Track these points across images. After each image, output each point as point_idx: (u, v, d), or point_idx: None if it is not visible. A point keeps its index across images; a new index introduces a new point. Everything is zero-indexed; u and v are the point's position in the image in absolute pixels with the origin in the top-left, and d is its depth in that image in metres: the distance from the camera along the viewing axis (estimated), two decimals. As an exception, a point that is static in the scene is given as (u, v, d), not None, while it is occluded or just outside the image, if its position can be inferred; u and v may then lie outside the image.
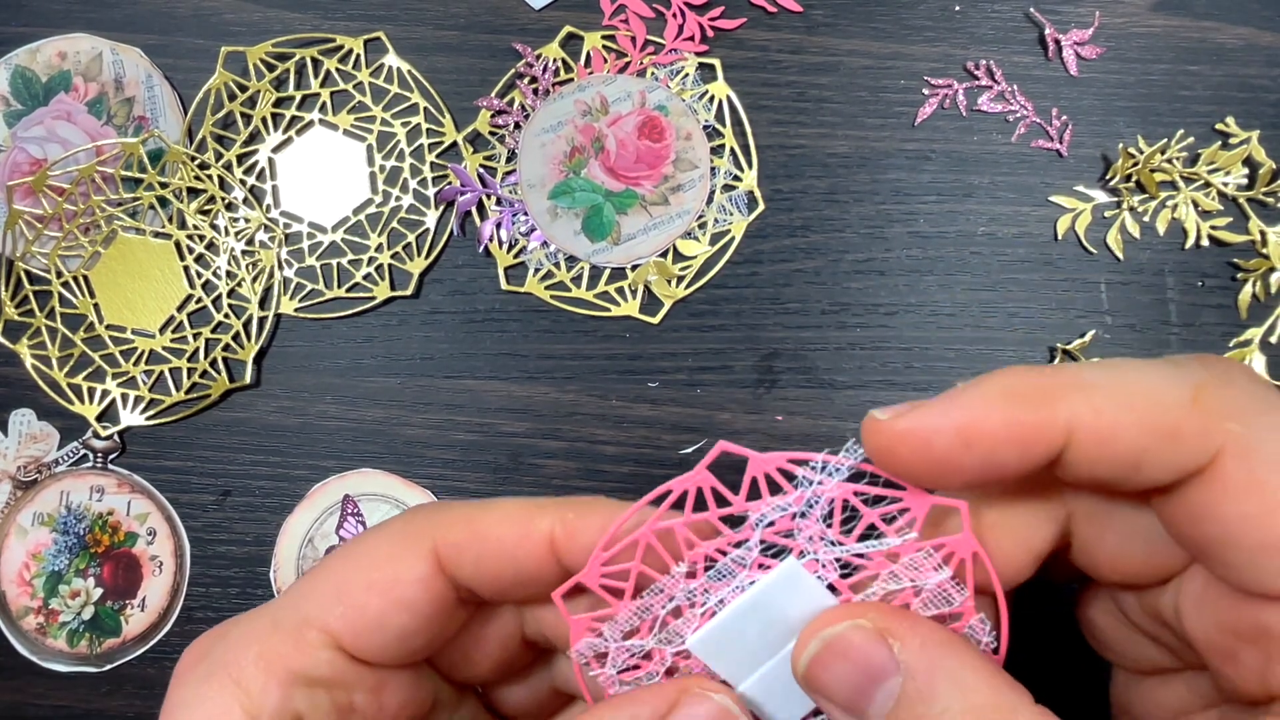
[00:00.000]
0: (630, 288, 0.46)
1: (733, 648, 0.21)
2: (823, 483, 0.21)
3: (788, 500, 0.21)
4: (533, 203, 0.46)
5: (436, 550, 0.23)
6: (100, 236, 0.46)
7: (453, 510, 0.24)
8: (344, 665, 0.23)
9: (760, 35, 0.46)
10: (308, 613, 0.23)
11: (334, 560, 0.24)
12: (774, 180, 0.46)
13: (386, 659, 0.23)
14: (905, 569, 0.21)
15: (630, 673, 0.23)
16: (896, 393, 0.45)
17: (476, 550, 0.23)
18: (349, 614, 0.23)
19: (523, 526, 0.23)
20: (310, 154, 0.46)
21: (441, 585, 0.23)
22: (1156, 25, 0.46)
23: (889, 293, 0.45)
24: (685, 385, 0.45)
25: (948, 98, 0.46)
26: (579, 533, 0.23)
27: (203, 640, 0.23)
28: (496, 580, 0.24)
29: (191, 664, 0.23)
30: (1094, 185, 0.46)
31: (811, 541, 0.21)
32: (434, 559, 0.23)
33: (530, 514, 0.23)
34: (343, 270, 0.46)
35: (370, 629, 0.23)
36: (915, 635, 0.20)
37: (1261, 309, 0.45)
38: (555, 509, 0.23)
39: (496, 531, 0.23)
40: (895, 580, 0.21)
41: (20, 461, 0.46)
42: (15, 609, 0.45)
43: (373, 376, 0.46)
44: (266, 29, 0.47)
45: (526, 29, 0.47)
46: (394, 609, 0.23)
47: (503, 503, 0.24)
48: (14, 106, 0.46)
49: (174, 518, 0.45)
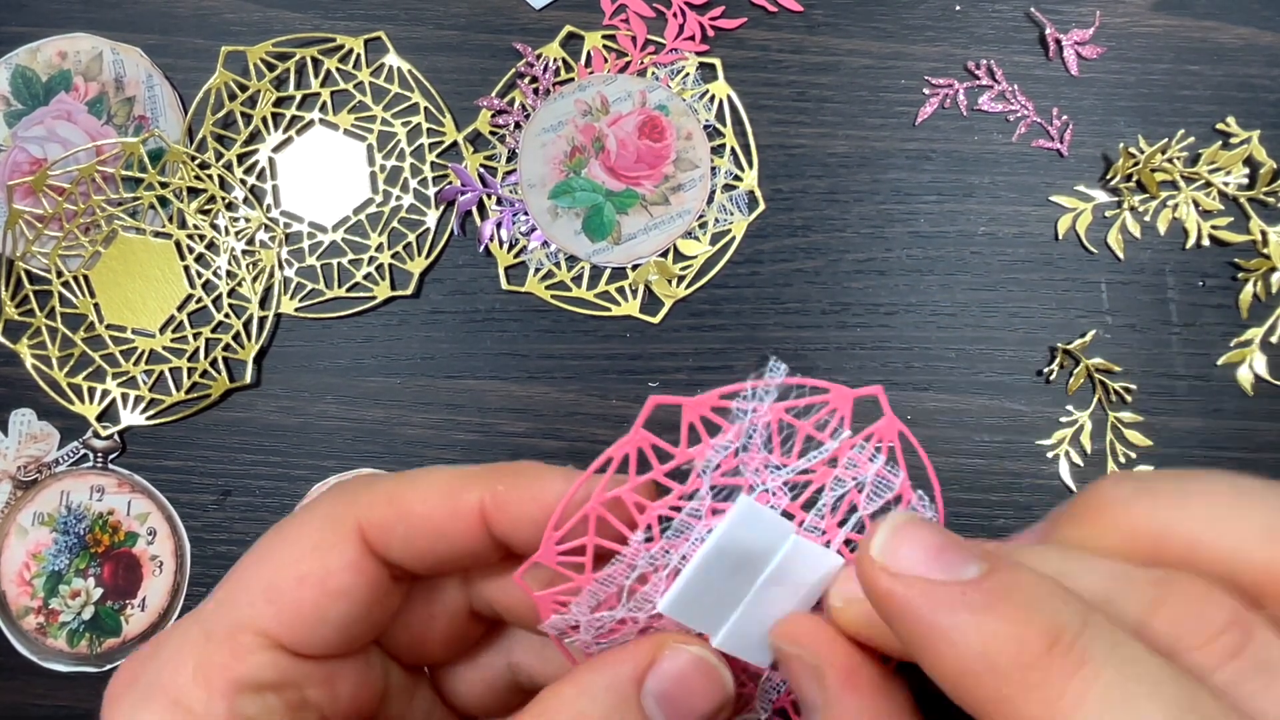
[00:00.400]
0: (631, 287, 0.46)
1: (704, 600, 0.21)
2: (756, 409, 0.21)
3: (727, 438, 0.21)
4: (533, 202, 0.46)
5: (362, 531, 0.22)
6: (100, 236, 0.46)
7: (375, 487, 0.23)
8: (288, 663, 0.22)
9: (761, 35, 0.46)
10: (240, 617, 0.22)
11: (257, 555, 0.23)
12: (774, 180, 0.46)
13: (330, 650, 0.22)
14: (845, 470, 0.21)
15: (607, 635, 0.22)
16: (896, 392, 0.45)
17: (404, 529, 0.22)
18: (283, 613, 0.22)
19: (450, 501, 0.22)
20: (311, 154, 0.46)
21: (373, 567, 0.22)
22: (1157, 25, 0.46)
23: (889, 292, 0.45)
24: (686, 385, 0.45)
25: (948, 97, 0.46)
26: (510, 504, 0.22)
27: (130, 663, 0.22)
28: (427, 556, 0.23)
29: (124, 689, 0.21)
30: (1095, 185, 0.46)
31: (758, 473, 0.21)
32: (361, 541, 0.22)
33: (457, 486, 0.22)
34: (343, 270, 0.46)
35: (308, 624, 0.22)
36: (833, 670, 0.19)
37: (1262, 309, 0.45)
38: (483, 479, 0.22)
39: (422, 508, 0.22)
40: (840, 484, 0.22)
41: (20, 461, 0.46)
42: (15, 609, 0.45)
43: (373, 376, 0.46)
44: (267, 29, 0.47)
45: (527, 29, 0.47)
46: (329, 600, 0.22)
47: (427, 475, 0.23)
48: (14, 106, 0.46)
49: (174, 518, 0.45)
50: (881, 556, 0.17)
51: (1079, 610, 0.16)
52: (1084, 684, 0.15)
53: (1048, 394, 0.45)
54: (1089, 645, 0.15)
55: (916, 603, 0.16)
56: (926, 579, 0.16)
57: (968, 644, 0.15)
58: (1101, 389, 0.45)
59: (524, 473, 0.22)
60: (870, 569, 0.17)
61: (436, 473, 0.23)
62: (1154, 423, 0.45)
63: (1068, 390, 0.45)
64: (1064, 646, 0.15)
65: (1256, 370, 0.45)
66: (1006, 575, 0.16)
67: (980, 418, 0.45)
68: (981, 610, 0.16)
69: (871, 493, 0.22)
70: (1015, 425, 0.45)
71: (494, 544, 0.22)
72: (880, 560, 0.17)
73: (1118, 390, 0.45)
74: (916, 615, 0.16)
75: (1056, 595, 0.16)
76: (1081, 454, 0.45)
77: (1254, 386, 0.45)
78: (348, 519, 0.22)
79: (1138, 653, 0.15)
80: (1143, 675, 0.15)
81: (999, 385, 0.45)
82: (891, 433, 0.22)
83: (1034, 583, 0.16)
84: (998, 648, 0.15)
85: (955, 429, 0.45)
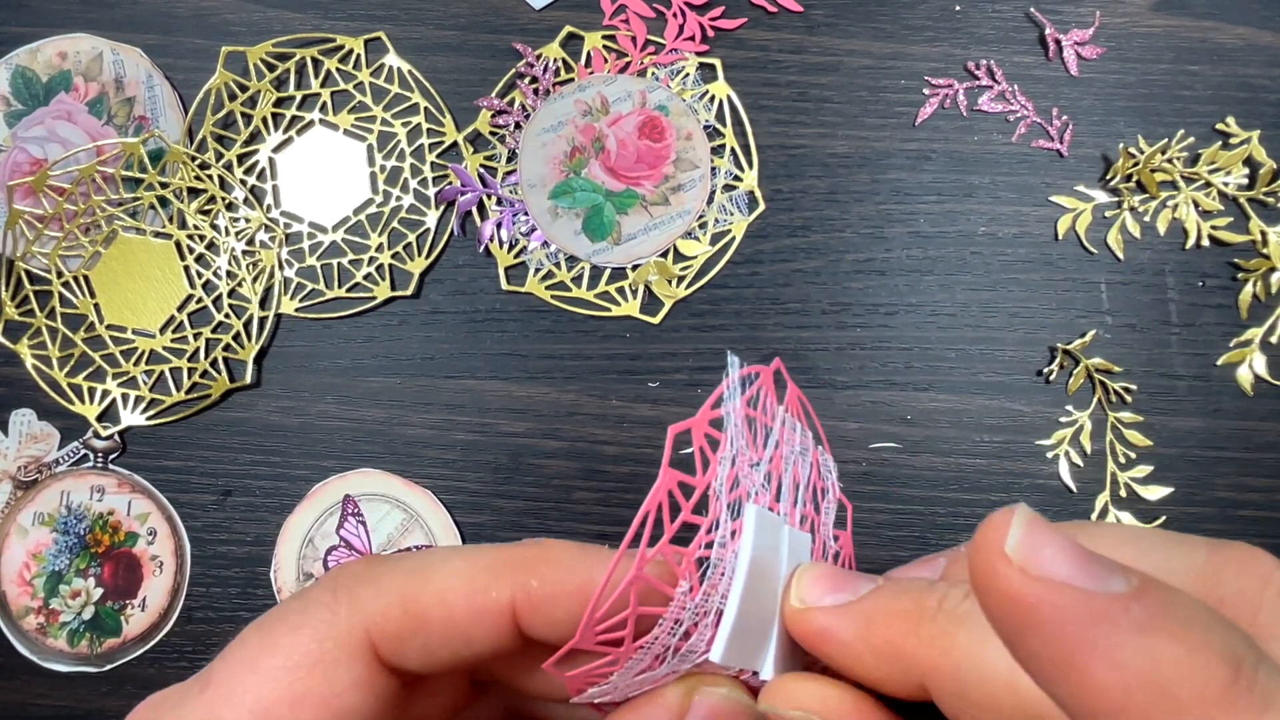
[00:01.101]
0: (631, 288, 0.46)
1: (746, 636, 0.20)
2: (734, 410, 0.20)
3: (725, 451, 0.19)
4: (533, 203, 0.46)
5: (372, 642, 0.19)
6: (101, 236, 0.46)
7: (384, 585, 0.19)
8: None
9: (761, 35, 0.46)
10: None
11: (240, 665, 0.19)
12: (774, 180, 0.46)
13: None
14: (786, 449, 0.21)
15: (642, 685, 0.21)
16: (897, 392, 0.45)
17: (422, 638, 0.19)
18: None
19: (474, 600, 0.19)
20: (311, 154, 0.46)
21: (383, 681, 0.19)
22: (1157, 25, 0.46)
23: (889, 293, 0.45)
24: (685, 385, 0.45)
25: (948, 98, 0.46)
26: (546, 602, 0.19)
27: None
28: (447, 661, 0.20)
29: None
30: (1094, 185, 0.46)
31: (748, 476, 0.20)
32: (371, 655, 0.19)
33: (481, 582, 0.19)
34: (343, 270, 0.46)
35: None
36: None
37: (1262, 309, 0.45)
38: (509, 573, 0.19)
39: (442, 610, 0.19)
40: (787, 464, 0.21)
41: (21, 461, 0.46)
42: (16, 609, 0.45)
43: (373, 376, 0.46)
44: (267, 29, 0.47)
45: (527, 29, 0.47)
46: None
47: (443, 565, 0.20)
48: (14, 106, 0.46)
49: (174, 518, 0.45)
50: (1020, 557, 0.14)
51: (1249, 640, 0.14)
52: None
53: (1048, 394, 0.45)
54: (1269, 683, 0.13)
55: (1070, 614, 0.13)
56: (1079, 588, 0.13)
57: (1137, 668, 0.13)
58: (1101, 389, 0.45)
59: (553, 561, 0.20)
60: (1005, 571, 0.14)
61: (453, 563, 0.20)
62: (1154, 423, 0.45)
63: (1068, 390, 0.45)
64: (1247, 682, 0.13)
65: (1256, 370, 0.45)
66: (1164, 593, 0.14)
67: (980, 418, 0.45)
68: (1150, 630, 0.13)
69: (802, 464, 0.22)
70: (1015, 425, 0.45)
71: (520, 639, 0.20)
72: (1020, 560, 0.14)
73: (1118, 390, 0.45)
74: (1066, 632, 0.13)
75: (1222, 620, 0.14)
76: (1081, 454, 0.45)
77: (1254, 386, 0.45)
78: (355, 629, 0.19)
79: None
80: None
81: (999, 385, 0.45)
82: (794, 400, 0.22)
83: (1197, 606, 0.14)
84: (1176, 676, 0.13)
85: (955, 429, 0.45)
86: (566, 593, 0.19)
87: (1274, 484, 0.45)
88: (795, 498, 0.22)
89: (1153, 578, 0.14)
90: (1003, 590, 0.14)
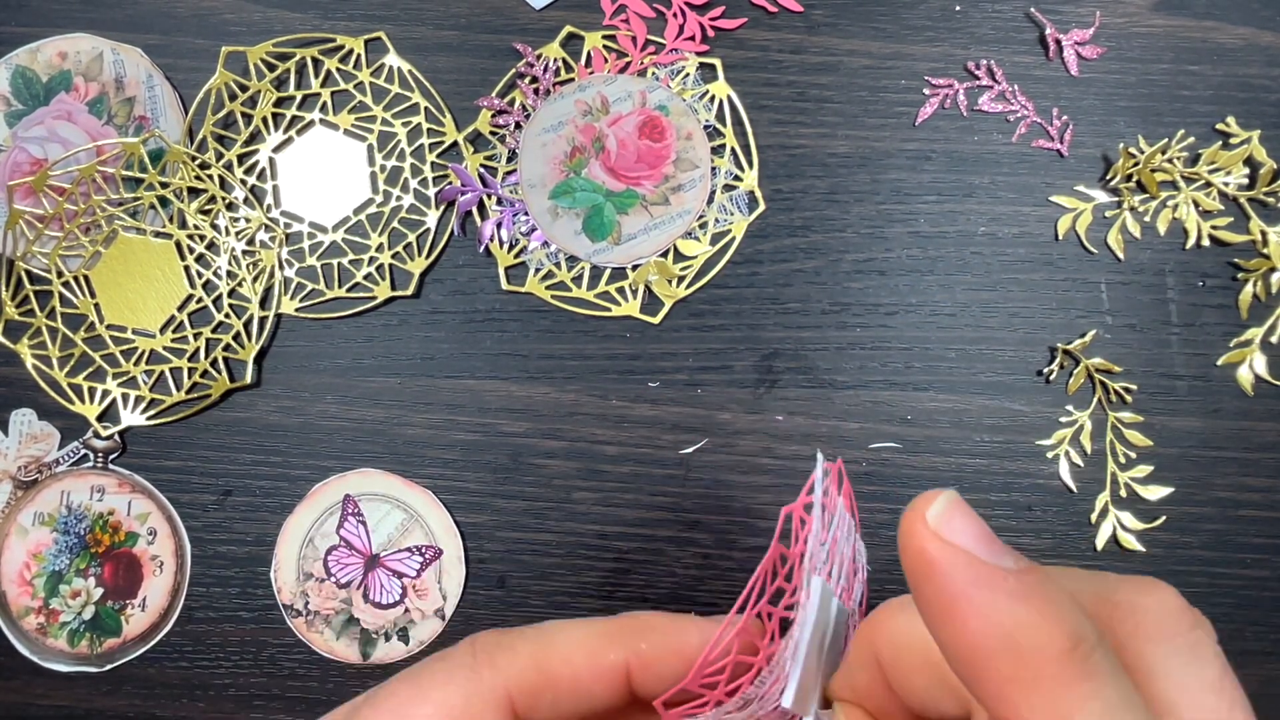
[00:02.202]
0: (631, 287, 0.46)
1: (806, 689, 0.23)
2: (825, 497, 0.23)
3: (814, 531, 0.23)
4: (533, 202, 0.46)
5: (511, 699, 0.22)
6: (101, 236, 0.46)
7: (516, 649, 0.23)
8: None
9: (761, 35, 0.46)
10: None
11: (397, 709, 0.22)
12: (774, 180, 0.46)
13: None
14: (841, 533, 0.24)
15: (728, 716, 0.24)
16: (897, 392, 0.45)
17: (552, 694, 0.22)
18: None
19: (594, 662, 0.23)
20: (311, 154, 0.46)
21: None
22: (1157, 25, 0.46)
23: (889, 293, 0.45)
24: (686, 385, 0.45)
25: (948, 98, 0.46)
26: (654, 664, 0.23)
27: None
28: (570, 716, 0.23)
29: None
30: (1094, 185, 0.46)
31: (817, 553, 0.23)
32: (509, 711, 0.22)
33: (599, 647, 0.23)
34: (343, 270, 0.46)
35: None
36: None
37: (1262, 309, 0.45)
38: (622, 638, 0.23)
39: (568, 671, 0.22)
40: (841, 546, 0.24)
41: (21, 461, 0.46)
42: (16, 609, 0.45)
43: (373, 376, 0.46)
44: (267, 29, 0.47)
45: (527, 29, 0.47)
46: None
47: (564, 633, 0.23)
48: (15, 106, 0.46)
49: (174, 518, 0.45)
50: (936, 523, 0.17)
51: (1095, 629, 0.17)
52: (1089, 693, 0.16)
53: (1048, 394, 0.45)
54: (1100, 662, 0.16)
55: (959, 572, 0.17)
56: (973, 554, 0.17)
57: (998, 622, 0.17)
58: (1101, 389, 0.45)
59: (657, 629, 0.23)
60: (921, 530, 0.17)
61: (572, 631, 0.23)
62: (1154, 423, 0.45)
63: (1068, 390, 0.45)
64: (1081, 654, 0.16)
65: (1256, 370, 0.45)
66: (1040, 576, 0.17)
67: (980, 418, 0.45)
68: (1017, 598, 0.17)
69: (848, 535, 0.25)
70: (1015, 425, 0.45)
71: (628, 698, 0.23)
72: (934, 525, 0.17)
73: (1118, 390, 0.45)
74: (953, 584, 0.17)
75: (1079, 609, 0.17)
76: (1081, 454, 0.45)
77: (1254, 386, 0.45)
78: (496, 686, 0.22)
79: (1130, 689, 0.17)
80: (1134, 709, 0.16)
81: (999, 385, 0.45)
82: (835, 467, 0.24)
83: (1062, 591, 0.17)
84: (1024, 635, 0.16)
85: (955, 429, 0.45)
86: (673, 655, 0.23)
87: (1274, 484, 0.45)
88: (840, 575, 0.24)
89: (1039, 567, 0.17)
90: (916, 546, 0.17)
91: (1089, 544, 0.45)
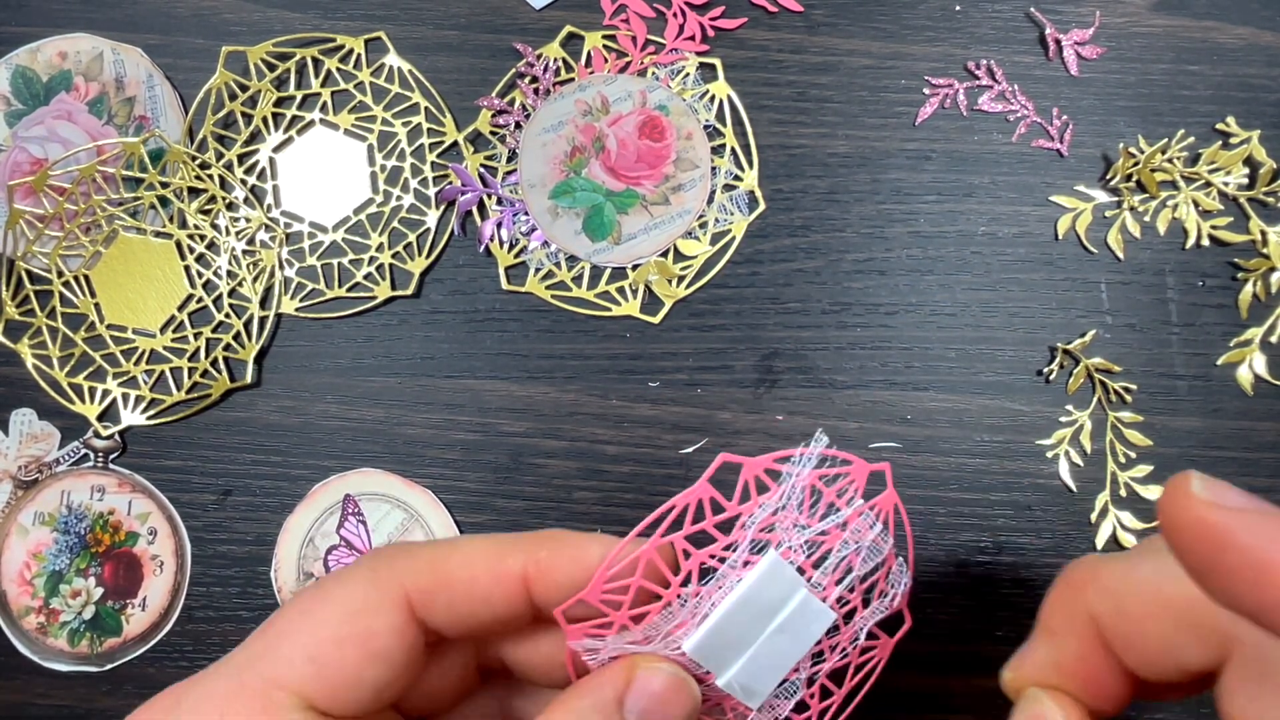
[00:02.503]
0: (631, 287, 0.46)
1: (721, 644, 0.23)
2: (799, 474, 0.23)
3: (772, 497, 0.23)
4: (533, 202, 0.46)
5: (407, 597, 0.23)
6: (101, 236, 0.46)
7: (418, 554, 0.23)
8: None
9: (761, 35, 0.46)
10: (277, 673, 0.22)
11: (296, 613, 0.23)
12: (774, 180, 0.46)
13: (359, 711, 0.23)
14: (851, 535, 0.24)
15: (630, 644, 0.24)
16: (896, 392, 0.45)
17: (448, 595, 0.23)
18: (323, 672, 0.22)
19: (493, 567, 0.23)
20: (311, 154, 0.46)
21: (414, 632, 0.23)
22: (1157, 25, 0.46)
23: (889, 292, 0.45)
24: (686, 385, 0.45)
25: (948, 97, 0.46)
26: (552, 570, 0.23)
27: (156, 705, 0.23)
28: (467, 621, 0.23)
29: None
30: (1094, 185, 0.46)
31: (787, 531, 0.23)
32: (406, 606, 0.23)
33: (498, 553, 0.23)
34: (343, 270, 0.46)
35: (345, 686, 0.22)
36: None
37: (1262, 309, 0.45)
38: (523, 547, 0.23)
39: (466, 574, 0.23)
40: (845, 546, 0.24)
41: (21, 461, 0.46)
42: (16, 608, 0.45)
43: (373, 376, 0.46)
44: (267, 29, 0.47)
45: (527, 29, 0.47)
46: (369, 663, 0.22)
47: (468, 543, 0.24)
48: (15, 106, 0.46)
49: (175, 517, 0.45)
50: (1209, 495, 0.17)
51: None
52: None
53: (1048, 394, 0.45)
54: None
55: (1256, 533, 0.16)
56: (1266, 513, 0.17)
57: None
58: (1101, 389, 0.45)
59: (563, 540, 0.23)
60: (1194, 504, 0.17)
61: (476, 541, 0.24)
62: (1154, 422, 0.45)
63: (1068, 390, 0.45)
64: None
65: (1256, 370, 0.45)
66: None
67: (980, 418, 0.45)
68: None
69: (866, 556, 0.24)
70: (1015, 425, 0.45)
71: (529, 608, 0.23)
72: (1209, 498, 0.17)
73: (1118, 390, 0.45)
74: (1253, 547, 0.16)
75: None
76: (1081, 454, 0.45)
77: (1254, 386, 0.45)
78: (393, 584, 0.23)
79: None
80: None
81: (999, 385, 0.45)
82: (889, 504, 0.24)
83: None
84: None
85: (955, 429, 0.45)
86: (571, 562, 0.23)
87: (1274, 484, 0.45)
88: (841, 580, 0.24)
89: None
90: (1198, 519, 0.17)
91: (1089, 544, 0.45)
